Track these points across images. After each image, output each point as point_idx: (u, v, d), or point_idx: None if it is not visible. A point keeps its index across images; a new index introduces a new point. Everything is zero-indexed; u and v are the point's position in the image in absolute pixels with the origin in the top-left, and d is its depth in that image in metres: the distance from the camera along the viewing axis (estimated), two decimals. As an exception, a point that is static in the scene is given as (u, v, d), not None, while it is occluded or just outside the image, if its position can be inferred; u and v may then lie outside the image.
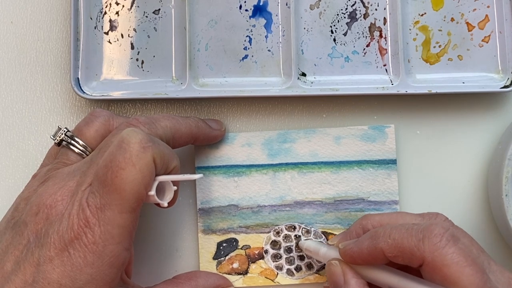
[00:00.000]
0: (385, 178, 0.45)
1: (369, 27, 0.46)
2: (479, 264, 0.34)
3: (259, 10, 0.46)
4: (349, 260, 0.38)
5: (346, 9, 0.46)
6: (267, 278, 0.44)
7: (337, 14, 0.46)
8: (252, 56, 0.45)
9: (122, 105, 0.46)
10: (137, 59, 0.45)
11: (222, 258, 0.44)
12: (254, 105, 0.46)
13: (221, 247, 0.44)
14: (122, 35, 0.45)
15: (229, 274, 0.44)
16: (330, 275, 0.39)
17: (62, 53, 0.46)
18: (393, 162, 0.45)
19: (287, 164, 0.45)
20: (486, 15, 0.46)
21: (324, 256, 0.41)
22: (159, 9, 0.45)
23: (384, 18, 0.46)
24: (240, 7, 0.45)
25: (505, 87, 0.44)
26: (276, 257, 0.44)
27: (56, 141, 0.39)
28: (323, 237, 0.44)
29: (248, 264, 0.44)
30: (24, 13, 0.46)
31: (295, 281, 0.44)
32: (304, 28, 0.45)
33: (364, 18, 0.46)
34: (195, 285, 0.41)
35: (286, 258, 0.44)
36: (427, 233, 0.35)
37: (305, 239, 0.44)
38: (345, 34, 0.46)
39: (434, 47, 0.46)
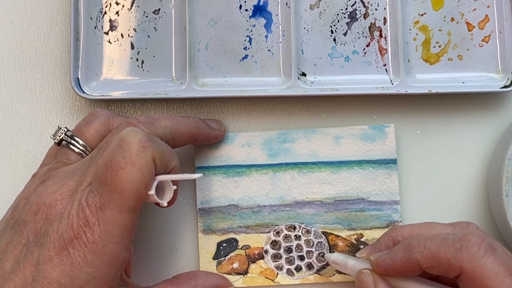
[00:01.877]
0: (385, 178, 0.45)
1: (369, 27, 0.46)
2: None
3: (259, 10, 0.46)
4: (382, 272, 0.38)
5: (346, 9, 0.46)
6: (267, 278, 0.44)
7: (337, 14, 0.46)
8: (252, 56, 0.45)
9: (122, 105, 0.46)
10: (137, 59, 0.45)
11: (222, 258, 0.44)
12: (254, 105, 0.46)
13: (221, 247, 0.44)
14: (122, 35, 0.45)
15: (229, 274, 0.44)
16: (360, 284, 0.39)
17: (62, 53, 0.46)
18: (394, 162, 0.45)
19: (287, 164, 0.45)
20: (486, 15, 0.46)
21: (353, 269, 0.40)
22: (159, 9, 0.45)
23: (384, 18, 0.46)
24: (240, 7, 0.45)
25: (505, 87, 0.44)
26: (276, 257, 0.44)
27: (56, 140, 0.39)
28: (323, 237, 0.44)
29: (248, 264, 0.44)
30: (24, 13, 0.46)
31: (295, 281, 0.44)
32: (304, 28, 0.45)
33: (364, 18, 0.46)
34: (195, 285, 0.41)
35: (286, 258, 0.44)
36: (464, 242, 0.34)
37: (329, 253, 0.44)
38: (345, 34, 0.46)
39: (434, 47, 0.46)
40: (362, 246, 0.44)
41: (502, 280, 0.33)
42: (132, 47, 0.45)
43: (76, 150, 0.39)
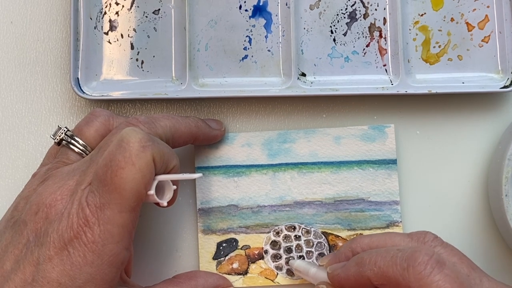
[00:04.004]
0: (385, 178, 0.45)
1: (369, 27, 0.46)
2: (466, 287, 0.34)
3: (259, 10, 0.46)
4: (337, 285, 0.38)
5: (346, 9, 0.46)
6: (267, 278, 0.44)
7: (337, 14, 0.46)
8: (252, 56, 0.45)
9: (122, 105, 0.46)
10: (137, 59, 0.45)
11: (222, 258, 0.44)
12: (254, 105, 0.46)
13: (221, 247, 0.44)
14: (122, 35, 0.45)
15: (229, 274, 0.44)
16: None
17: (62, 53, 0.46)
18: (393, 162, 0.45)
19: (287, 164, 0.45)
20: (486, 15, 0.46)
21: (313, 277, 0.41)
22: (159, 9, 0.45)
23: (384, 18, 0.46)
24: (240, 7, 0.45)
25: (505, 87, 0.44)
26: (276, 257, 0.44)
27: (56, 140, 0.39)
28: (323, 237, 0.44)
29: (248, 264, 0.44)
30: (24, 13, 0.46)
31: (295, 281, 0.44)
32: (304, 28, 0.45)
33: (364, 18, 0.46)
34: (195, 285, 0.41)
35: (286, 258, 0.44)
36: (411, 261, 0.34)
37: (295, 259, 0.44)
38: (345, 34, 0.46)
39: (434, 47, 0.46)
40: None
41: None
42: (132, 47, 0.45)
43: (76, 150, 0.39)
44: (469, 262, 0.37)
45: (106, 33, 0.45)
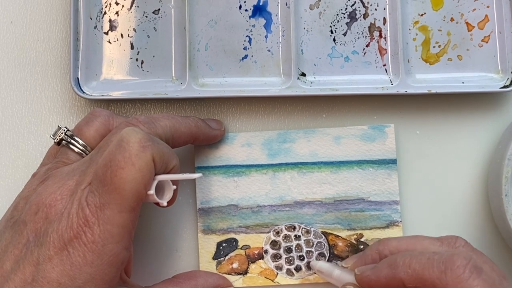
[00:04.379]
0: (385, 178, 0.45)
1: (369, 27, 0.46)
2: None
3: (259, 10, 0.46)
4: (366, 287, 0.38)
5: (346, 9, 0.46)
6: (267, 278, 0.44)
7: (337, 14, 0.46)
8: (252, 56, 0.45)
9: (122, 105, 0.46)
10: (137, 59, 0.45)
11: (222, 258, 0.44)
12: (254, 105, 0.46)
13: (221, 247, 0.44)
14: (122, 35, 0.45)
15: (229, 274, 0.44)
16: None
17: (62, 53, 0.46)
18: (393, 162, 0.45)
19: (287, 164, 0.45)
20: (486, 15, 0.46)
21: (338, 279, 0.40)
22: (159, 9, 0.45)
23: (384, 18, 0.46)
24: (240, 7, 0.45)
25: (505, 87, 0.44)
26: (276, 257, 0.44)
27: (56, 140, 0.39)
28: (323, 237, 0.44)
29: (248, 264, 0.44)
30: (24, 13, 0.46)
31: (295, 281, 0.44)
32: (304, 28, 0.45)
33: (364, 18, 0.46)
34: (195, 285, 0.41)
35: (286, 258, 0.44)
36: (449, 264, 0.34)
37: (316, 260, 0.44)
38: (344, 34, 0.46)
39: (434, 47, 0.46)
40: (362, 247, 0.44)
41: None
42: (132, 47, 0.45)
43: (76, 150, 0.39)
44: (499, 270, 0.36)
45: (106, 33, 0.45)
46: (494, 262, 0.36)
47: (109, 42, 0.45)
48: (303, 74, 0.45)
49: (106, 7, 0.45)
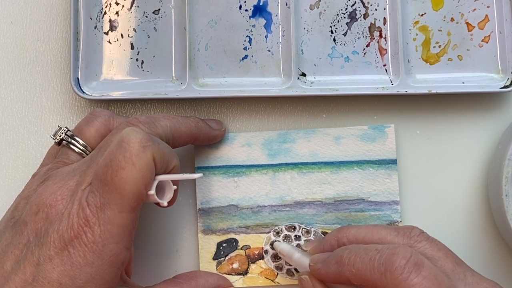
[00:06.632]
0: (385, 178, 0.45)
1: (369, 27, 0.46)
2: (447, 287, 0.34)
3: (259, 10, 0.46)
4: (318, 279, 0.39)
5: (346, 9, 0.46)
6: (267, 278, 0.44)
7: (337, 14, 0.46)
8: (252, 56, 0.45)
9: (122, 105, 0.46)
10: (137, 59, 0.45)
11: (222, 258, 0.44)
12: (254, 105, 0.46)
13: (221, 247, 0.44)
14: (122, 35, 0.45)
15: (229, 274, 0.44)
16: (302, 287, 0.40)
17: (62, 53, 0.46)
18: (394, 162, 0.45)
19: (287, 164, 0.45)
20: (486, 15, 0.46)
21: (296, 262, 0.41)
22: (159, 9, 0.45)
23: (384, 18, 0.46)
24: (240, 7, 0.45)
25: (505, 87, 0.45)
26: (276, 257, 0.44)
27: (56, 140, 0.39)
28: (323, 237, 0.44)
29: (248, 264, 0.44)
30: (24, 13, 0.46)
31: (295, 281, 0.44)
32: (304, 28, 0.45)
33: (364, 18, 0.46)
34: (195, 285, 0.41)
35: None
36: (388, 266, 0.34)
37: (280, 241, 0.44)
38: (345, 34, 0.46)
39: (434, 47, 0.46)
40: (362, 246, 0.44)
41: None
42: (132, 47, 0.45)
43: (76, 150, 0.39)
44: (454, 256, 0.37)
45: (106, 33, 0.45)
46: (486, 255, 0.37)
47: (109, 42, 0.45)
48: (303, 74, 0.45)
49: (106, 7, 0.45)
